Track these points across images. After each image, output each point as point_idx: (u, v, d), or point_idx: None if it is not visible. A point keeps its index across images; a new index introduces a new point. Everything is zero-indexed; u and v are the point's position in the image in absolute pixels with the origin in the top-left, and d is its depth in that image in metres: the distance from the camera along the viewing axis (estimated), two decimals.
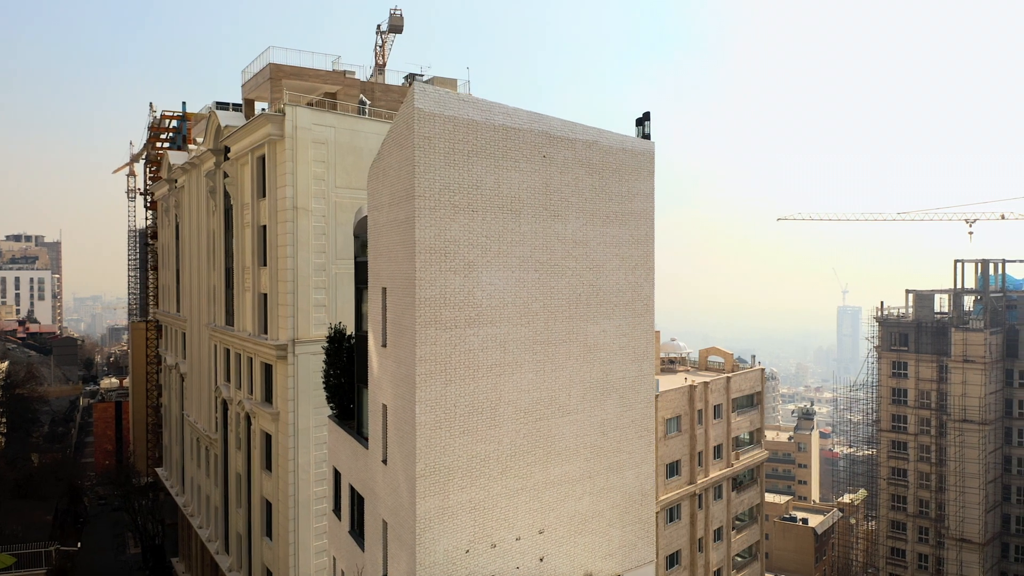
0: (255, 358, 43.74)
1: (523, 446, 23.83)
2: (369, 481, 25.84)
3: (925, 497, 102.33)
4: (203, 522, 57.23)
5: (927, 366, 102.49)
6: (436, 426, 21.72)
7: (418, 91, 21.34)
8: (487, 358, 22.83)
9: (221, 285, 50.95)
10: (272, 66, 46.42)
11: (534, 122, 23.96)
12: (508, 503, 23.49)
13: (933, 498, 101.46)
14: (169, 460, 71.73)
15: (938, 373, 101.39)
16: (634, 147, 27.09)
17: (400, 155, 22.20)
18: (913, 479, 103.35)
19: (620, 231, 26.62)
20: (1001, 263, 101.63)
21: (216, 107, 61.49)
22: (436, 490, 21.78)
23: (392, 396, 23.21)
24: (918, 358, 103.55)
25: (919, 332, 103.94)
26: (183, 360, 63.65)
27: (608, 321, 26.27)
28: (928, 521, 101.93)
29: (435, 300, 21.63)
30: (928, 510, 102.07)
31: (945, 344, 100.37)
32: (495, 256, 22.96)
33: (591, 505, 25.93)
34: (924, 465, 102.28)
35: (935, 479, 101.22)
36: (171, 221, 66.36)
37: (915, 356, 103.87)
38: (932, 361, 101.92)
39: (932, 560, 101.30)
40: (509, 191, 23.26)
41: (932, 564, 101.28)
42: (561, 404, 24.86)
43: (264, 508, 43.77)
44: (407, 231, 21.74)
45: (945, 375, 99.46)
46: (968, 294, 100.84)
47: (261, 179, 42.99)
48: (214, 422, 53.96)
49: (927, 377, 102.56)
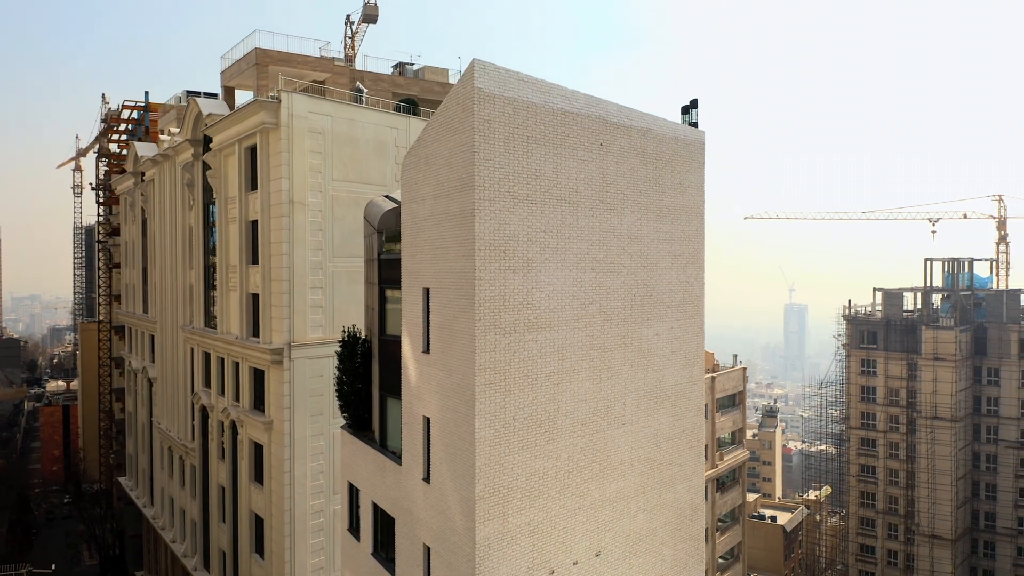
0: (243, 363, 40.82)
1: (580, 461, 21.77)
2: (403, 500, 23.50)
3: (894, 494, 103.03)
4: (177, 536, 53.86)
5: (896, 364, 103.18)
6: (495, 442, 19.53)
7: (478, 69, 19.10)
8: (545, 365, 20.71)
9: (200, 285, 47.76)
10: (258, 51, 43.63)
11: (591, 106, 21.91)
12: (566, 524, 21.42)
13: (903, 495, 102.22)
14: (134, 469, 67.85)
15: (908, 371, 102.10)
16: (685, 136, 25.22)
17: (452, 141, 19.93)
18: (882, 476, 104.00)
19: (672, 226, 24.73)
20: (969, 262, 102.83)
21: (187, 96, 58.17)
22: (495, 513, 19.58)
23: (439, 408, 20.93)
24: (887, 356, 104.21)
25: (888, 330, 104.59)
26: (151, 364, 60.02)
27: (661, 323, 24.35)
28: (897, 518, 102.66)
29: (494, 302, 19.43)
30: (897, 507, 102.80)
31: (914, 342, 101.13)
32: (553, 253, 20.85)
33: (645, 523, 23.99)
34: (894, 462, 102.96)
35: (904, 476, 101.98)
36: (137, 216, 62.57)
37: (884, 354, 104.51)
38: (901, 359, 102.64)
39: (902, 556, 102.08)
40: (567, 182, 21.18)
41: (902, 560, 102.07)
42: (617, 414, 22.87)
43: (253, 523, 40.88)
44: (462, 225, 19.48)
45: (915, 372, 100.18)
46: (938, 292, 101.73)
47: (251, 171, 40.08)
48: (190, 430, 50.70)
49: (896, 375, 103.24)
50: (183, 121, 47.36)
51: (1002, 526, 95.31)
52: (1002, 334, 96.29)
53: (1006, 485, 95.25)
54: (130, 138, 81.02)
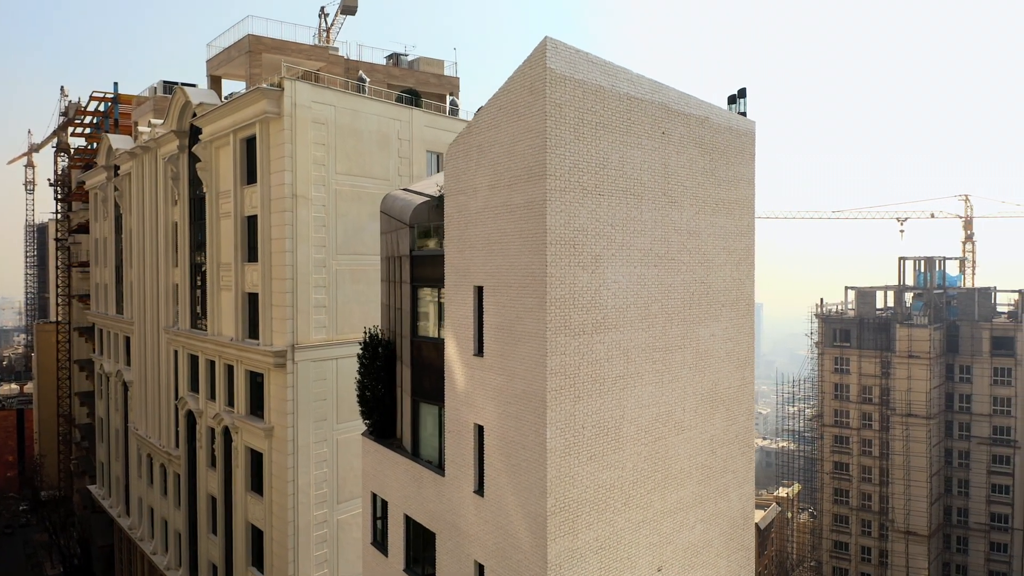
0: (238, 366, 38.68)
1: (644, 471, 20.42)
2: (445, 514, 21.90)
3: (868, 491, 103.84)
4: (158, 548, 51.27)
5: (870, 362, 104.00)
6: (566, 452, 18.07)
7: (550, 48, 17.60)
8: (612, 369, 19.30)
9: (186, 284, 45.36)
10: (251, 38, 41.55)
11: (655, 92, 20.55)
12: (631, 538, 20.04)
13: (876, 491, 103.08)
14: (106, 477, 64.78)
15: (881, 368, 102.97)
16: (738, 126, 24.02)
17: (516, 127, 18.39)
18: (856, 473, 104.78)
19: (727, 221, 23.52)
20: (941, 260, 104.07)
21: (165, 86, 55.60)
22: (566, 529, 18.12)
23: (496, 416, 19.38)
24: (861, 354, 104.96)
25: (862, 328, 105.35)
26: (127, 367, 57.20)
27: (716, 323, 23.12)
28: (871, 514, 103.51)
29: (564, 301, 17.96)
30: (871, 503, 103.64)
31: (887, 340, 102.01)
32: (619, 249, 19.45)
33: (702, 534, 22.74)
34: (867, 459, 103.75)
35: (878, 472, 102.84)
36: (110, 212, 59.61)
37: (858, 352, 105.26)
38: (875, 357, 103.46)
39: (875, 552, 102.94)
40: (632, 172, 19.79)
41: (875, 556, 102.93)
42: (677, 420, 21.56)
43: (250, 535, 38.76)
44: (529, 218, 17.96)
45: (888, 370, 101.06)
46: (912, 291, 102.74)
47: (248, 163, 37.96)
48: (174, 437, 48.24)
49: (870, 372, 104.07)
50: (168, 112, 44.88)
51: (975, 522, 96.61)
52: (974, 332, 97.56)
53: (978, 481, 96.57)
54: (95, 131, 77.74)
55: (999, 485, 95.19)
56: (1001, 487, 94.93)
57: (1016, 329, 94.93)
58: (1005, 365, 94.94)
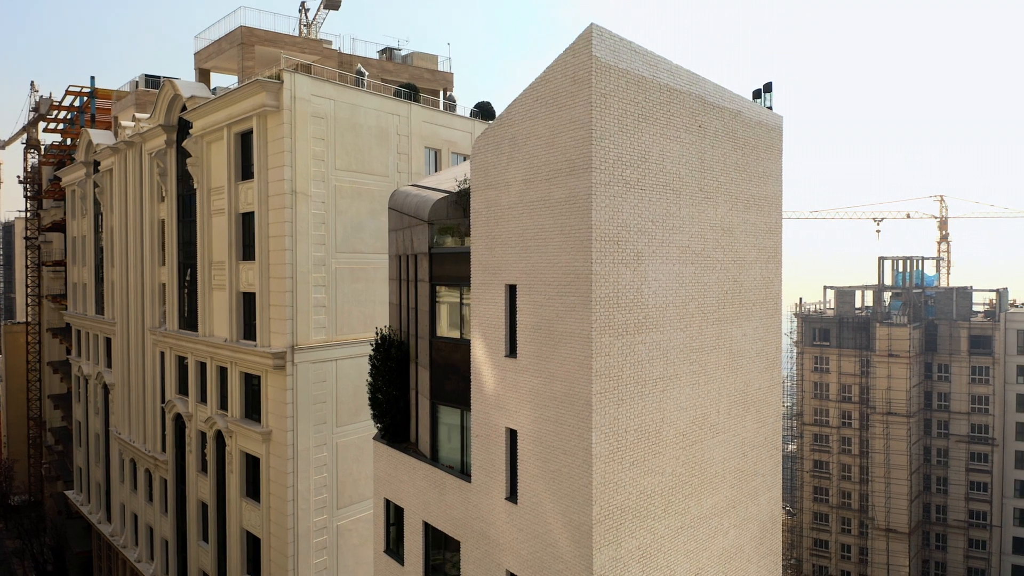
0: (232, 368, 37.44)
1: (682, 475, 19.74)
2: (473, 522, 21.06)
3: (848, 488, 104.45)
4: (143, 555, 49.69)
5: (849, 360, 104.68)
6: (610, 458, 17.32)
7: (596, 36, 16.84)
8: (653, 370, 18.60)
9: (174, 283, 43.93)
10: (244, 29, 40.35)
11: (692, 84, 19.88)
12: (670, 546, 19.35)
13: (856, 489, 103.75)
14: (84, 482, 62.88)
15: (860, 367, 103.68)
16: (768, 121, 23.46)
17: (557, 117, 17.60)
18: (835, 471, 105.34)
19: (757, 217, 22.94)
20: (920, 260, 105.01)
21: (147, 80, 54.09)
22: (610, 538, 17.38)
23: (532, 419, 18.58)
24: (840, 353, 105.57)
25: (841, 327, 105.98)
26: (107, 369, 55.48)
27: (747, 323, 22.53)
28: (851, 512, 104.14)
29: (608, 300, 17.22)
30: (850, 501, 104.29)
31: (867, 339, 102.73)
32: (659, 246, 18.75)
33: (735, 539, 22.13)
34: (847, 457, 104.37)
35: (857, 471, 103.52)
36: (89, 209, 57.78)
37: (837, 351, 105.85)
38: (854, 356, 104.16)
39: (855, 550, 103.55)
40: (671, 167, 19.10)
41: (855, 554, 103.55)
42: (712, 423, 20.92)
43: (246, 542, 37.54)
44: (572, 213, 17.19)
45: (868, 369, 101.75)
46: (891, 290, 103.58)
47: (243, 158, 36.77)
48: (160, 441, 46.75)
49: (849, 371, 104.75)
50: (155, 105, 43.42)
51: (953, 519, 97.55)
52: (953, 331, 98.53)
53: (957, 479, 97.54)
54: (70, 126, 75.64)
55: (977, 482, 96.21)
56: (979, 484, 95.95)
57: (993, 328, 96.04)
58: (983, 364, 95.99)
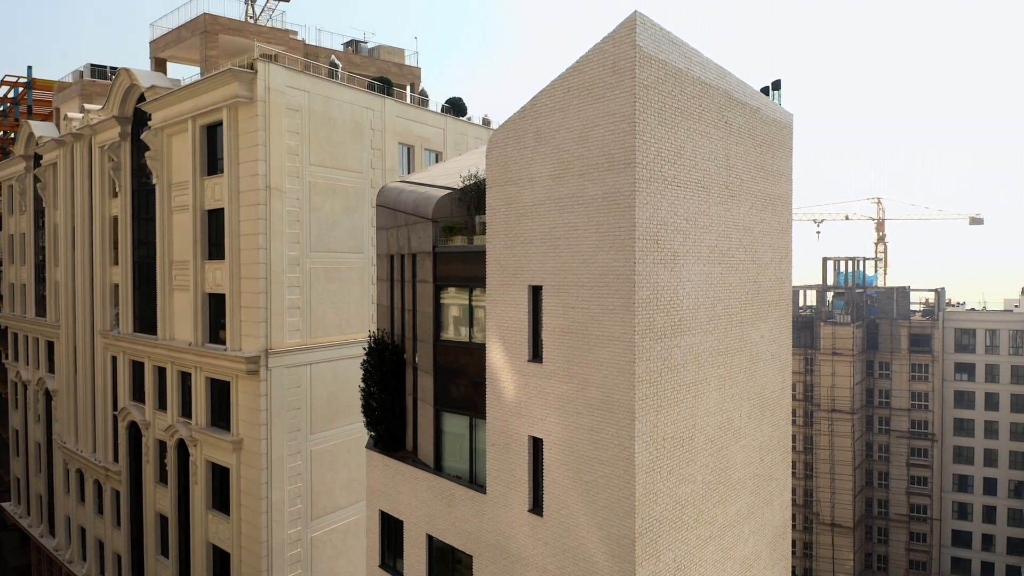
0: (197, 373, 35.46)
1: (711, 483, 19.07)
2: (488, 536, 19.99)
3: (792, 485, 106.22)
4: (92, 571, 46.93)
5: (794, 359, 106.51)
6: (651, 467, 16.52)
7: (640, 24, 16.00)
8: (686, 375, 17.87)
9: (128, 284, 41.54)
10: (207, 17, 38.35)
11: (720, 78, 19.23)
12: (700, 556, 18.65)
13: (800, 485, 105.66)
14: (23, 494, 59.35)
15: (804, 365, 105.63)
16: (781, 118, 23.01)
17: (594, 110, 16.69)
18: None
19: (772, 217, 22.47)
20: (861, 261, 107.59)
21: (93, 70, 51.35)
22: (651, 552, 16.57)
23: (561, 427, 17.64)
24: None
25: None
26: (50, 375, 52.36)
27: (764, 324, 22.03)
28: (796, 508, 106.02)
29: (648, 302, 16.41)
30: (795, 497, 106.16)
31: (811, 338, 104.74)
32: (693, 245, 18.04)
33: (754, 547, 21.59)
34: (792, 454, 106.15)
35: (802, 467, 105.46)
36: (29, 206, 54.48)
37: None
38: (799, 354, 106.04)
39: (800, 545, 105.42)
40: (702, 163, 18.41)
41: (800, 548, 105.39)
42: (736, 428, 20.32)
43: (213, 557, 35.61)
44: (612, 211, 16.31)
45: (812, 367, 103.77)
46: (834, 290, 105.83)
47: (210, 152, 34.86)
48: (112, 451, 44.21)
49: (794, 369, 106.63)
50: (108, 96, 40.95)
51: (895, 512, 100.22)
52: (893, 329, 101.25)
53: (898, 473, 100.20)
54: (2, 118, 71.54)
55: (918, 477, 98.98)
56: (920, 479, 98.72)
57: (933, 327, 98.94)
58: (922, 361, 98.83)
